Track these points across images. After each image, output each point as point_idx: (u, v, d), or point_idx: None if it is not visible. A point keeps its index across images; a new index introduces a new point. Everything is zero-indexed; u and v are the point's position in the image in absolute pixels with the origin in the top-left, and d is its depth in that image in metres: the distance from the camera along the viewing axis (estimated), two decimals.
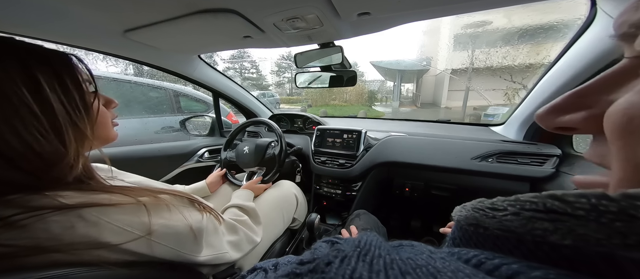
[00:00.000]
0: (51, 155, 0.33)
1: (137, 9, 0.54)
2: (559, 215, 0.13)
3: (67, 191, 0.33)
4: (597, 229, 0.12)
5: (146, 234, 0.36)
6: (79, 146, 0.36)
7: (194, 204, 0.49)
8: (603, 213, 0.12)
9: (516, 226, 0.15)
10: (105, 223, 0.33)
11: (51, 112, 0.33)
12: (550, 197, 0.14)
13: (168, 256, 0.40)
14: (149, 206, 0.38)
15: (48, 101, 0.33)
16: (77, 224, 0.31)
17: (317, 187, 1.20)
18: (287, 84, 26.18)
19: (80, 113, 0.37)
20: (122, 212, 0.35)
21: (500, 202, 0.17)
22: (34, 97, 0.32)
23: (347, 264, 0.16)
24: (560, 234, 0.13)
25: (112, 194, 0.36)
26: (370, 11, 0.53)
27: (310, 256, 0.19)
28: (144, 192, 0.40)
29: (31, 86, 0.32)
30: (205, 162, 1.31)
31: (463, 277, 0.13)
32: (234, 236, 0.59)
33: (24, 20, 0.54)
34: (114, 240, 0.33)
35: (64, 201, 0.31)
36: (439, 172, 0.96)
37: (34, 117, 0.31)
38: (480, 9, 0.55)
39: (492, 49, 10.30)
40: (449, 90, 11.94)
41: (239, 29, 0.61)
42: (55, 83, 0.34)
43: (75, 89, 0.37)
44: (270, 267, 0.27)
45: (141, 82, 2.46)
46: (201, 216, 0.48)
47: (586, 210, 0.12)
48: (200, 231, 0.45)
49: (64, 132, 0.34)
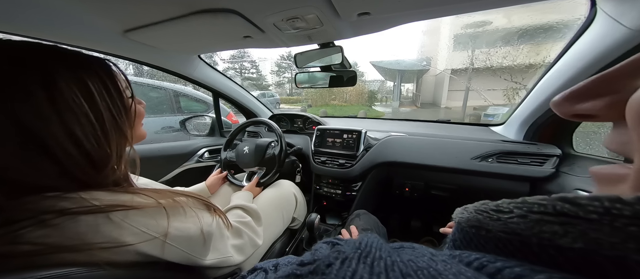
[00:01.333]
0: (102, 160, 0.35)
1: (137, 9, 0.54)
2: (570, 218, 0.13)
3: (98, 192, 0.34)
4: (611, 233, 0.12)
5: (161, 236, 0.37)
6: (120, 148, 0.39)
7: (210, 208, 0.50)
8: (617, 217, 0.11)
9: (523, 228, 0.15)
10: (128, 225, 0.33)
11: (102, 119, 0.35)
12: (561, 200, 0.13)
13: (177, 258, 0.40)
14: (168, 209, 0.39)
15: (98, 108, 0.35)
16: (103, 225, 0.32)
17: (317, 187, 1.20)
18: (287, 84, 26.20)
19: (122, 117, 0.39)
20: (143, 214, 0.36)
21: (506, 204, 0.17)
22: (89, 106, 0.33)
23: (348, 266, 0.16)
24: (570, 237, 0.13)
25: (137, 195, 0.37)
26: (370, 11, 0.53)
27: (311, 257, 0.19)
28: (165, 194, 0.41)
29: (86, 94, 0.34)
30: (205, 162, 1.31)
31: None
32: (239, 240, 0.59)
33: (24, 21, 0.54)
34: (131, 240, 0.33)
35: (95, 202, 0.32)
36: (439, 172, 0.96)
37: (91, 125, 0.33)
38: (480, 9, 0.55)
39: (492, 49, 10.30)
40: (449, 90, 11.95)
41: (239, 29, 0.61)
42: (103, 90, 0.36)
43: (118, 94, 0.39)
44: (271, 268, 0.27)
45: (141, 82, 2.46)
46: (212, 219, 0.48)
47: (599, 214, 0.12)
48: (209, 235, 0.46)
49: (110, 136, 0.36)
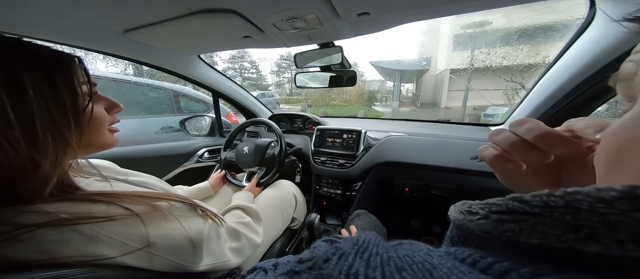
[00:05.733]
0: (19, 167, 0.29)
1: (137, 9, 0.54)
2: (520, 215, 0.14)
3: (62, 203, 0.31)
4: (553, 225, 0.13)
5: (144, 246, 0.34)
6: (58, 155, 0.32)
7: (197, 209, 0.46)
8: (554, 208, 0.13)
9: (489, 229, 0.16)
10: (105, 236, 0.31)
11: (30, 120, 0.30)
12: (512, 199, 0.15)
13: (166, 268, 0.38)
14: (144, 216, 0.36)
15: (29, 106, 0.30)
16: (73, 239, 0.29)
17: (317, 187, 1.20)
18: (287, 84, 26.19)
19: (67, 120, 0.33)
20: (121, 224, 0.33)
21: (475, 205, 0.18)
22: (12, 102, 0.28)
23: (345, 261, 0.16)
24: (525, 234, 0.14)
25: (112, 205, 0.34)
26: (370, 11, 0.53)
27: (309, 254, 0.19)
28: (140, 199, 0.37)
29: (13, 89, 0.29)
30: (205, 162, 1.31)
31: (458, 273, 0.14)
32: (236, 242, 0.57)
33: (23, 20, 0.54)
34: (111, 253, 0.31)
35: (63, 215, 0.29)
36: (439, 172, 0.96)
37: (7, 124, 0.28)
38: (480, 9, 0.55)
39: (492, 49, 10.31)
40: (448, 90, 11.94)
41: (238, 29, 0.61)
42: (45, 87, 0.31)
43: (68, 93, 0.34)
44: (270, 267, 0.27)
45: (141, 82, 2.46)
46: (203, 222, 0.46)
47: (540, 207, 0.13)
48: (200, 241, 0.43)
49: (39, 141, 0.30)
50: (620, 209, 0.11)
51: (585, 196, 0.12)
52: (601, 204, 0.11)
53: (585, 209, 0.12)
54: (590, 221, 0.11)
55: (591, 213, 0.11)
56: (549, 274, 0.12)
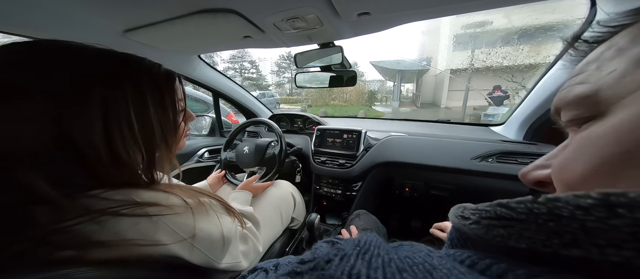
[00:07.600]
0: (127, 165, 0.34)
1: (137, 9, 0.54)
2: (508, 221, 0.14)
3: (136, 190, 0.34)
4: (538, 230, 0.13)
5: (190, 238, 0.36)
6: (163, 158, 0.39)
7: (230, 211, 0.49)
8: (537, 215, 0.13)
9: (481, 233, 0.16)
10: (163, 223, 0.33)
11: (149, 131, 0.35)
12: (499, 205, 0.15)
13: (198, 260, 0.39)
14: (193, 209, 0.38)
15: (149, 120, 0.35)
16: (142, 222, 0.32)
17: (317, 187, 1.20)
18: (287, 84, 26.21)
19: (170, 131, 0.39)
20: (175, 214, 0.35)
21: (467, 211, 0.18)
22: (138, 117, 0.34)
23: (347, 262, 0.16)
24: (514, 239, 0.14)
25: (171, 195, 0.37)
26: (370, 11, 0.53)
27: (311, 255, 0.20)
28: (192, 193, 0.40)
29: (139, 105, 0.34)
30: (205, 162, 1.31)
31: (458, 274, 0.14)
32: (245, 245, 0.58)
33: (23, 20, 0.55)
34: (166, 240, 0.33)
35: (137, 199, 0.32)
36: (439, 172, 0.96)
37: (132, 134, 0.33)
38: (480, 9, 0.55)
39: (492, 49, 10.31)
40: (449, 90, 11.95)
41: (239, 29, 0.61)
42: (159, 103, 0.37)
43: (171, 109, 0.39)
44: (271, 267, 0.27)
45: None
46: (232, 223, 0.47)
47: (526, 214, 0.13)
48: (229, 239, 0.45)
49: (154, 147, 0.36)
50: (596, 216, 0.11)
51: (565, 203, 0.12)
52: (579, 211, 0.12)
53: (565, 216, 0.12)
54: (570, 227, 0.12)
55: (571, 220, 0.12)
56: (544, 276, 0.12)
